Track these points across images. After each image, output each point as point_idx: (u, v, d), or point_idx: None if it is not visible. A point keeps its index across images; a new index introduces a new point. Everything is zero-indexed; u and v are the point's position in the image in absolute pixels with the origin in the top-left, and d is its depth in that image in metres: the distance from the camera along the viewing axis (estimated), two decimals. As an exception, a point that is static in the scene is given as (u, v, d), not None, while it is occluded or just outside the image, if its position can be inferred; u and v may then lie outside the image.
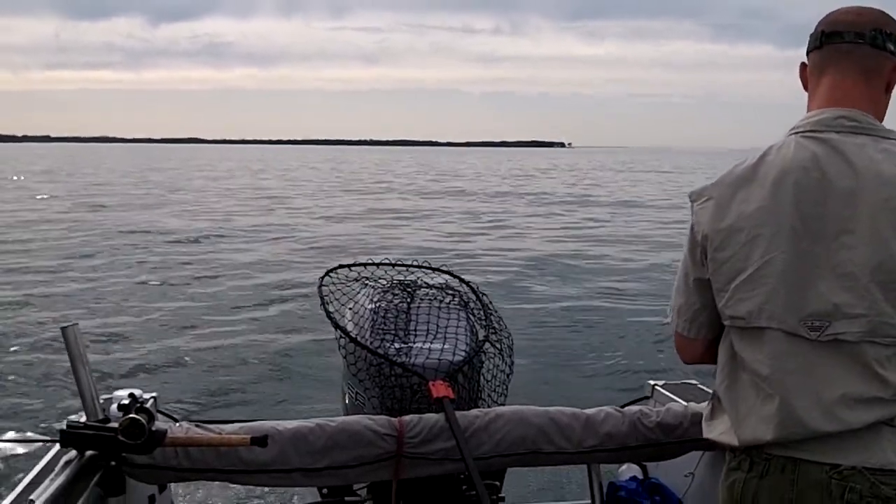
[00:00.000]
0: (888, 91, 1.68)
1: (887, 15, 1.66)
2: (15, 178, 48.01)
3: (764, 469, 1.61)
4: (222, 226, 22.05)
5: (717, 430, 1.74)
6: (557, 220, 24.57)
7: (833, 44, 1.66)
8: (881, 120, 1.66)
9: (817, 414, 1.55)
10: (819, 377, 1.56)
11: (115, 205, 28.38)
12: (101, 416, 2.00)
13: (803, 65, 1.74)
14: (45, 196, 32.36)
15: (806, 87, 1.73)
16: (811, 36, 1.71)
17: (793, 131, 1.66)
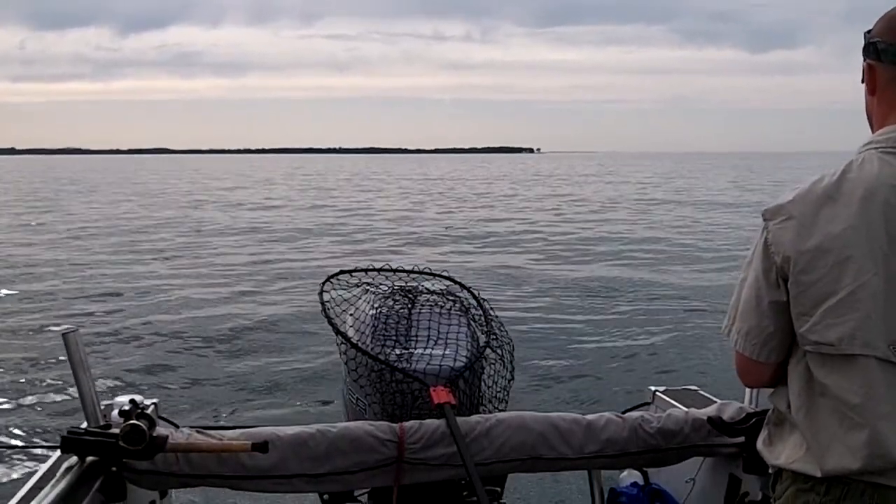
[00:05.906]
0: None
1: None
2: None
3: (843, 493, 1.56)
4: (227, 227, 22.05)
5: (787, 457, 1.65)
6: (560, 225, 24.54)
7: None
8: None
9: None
10: None
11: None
12: (101, 422, 2.01)
13: (870, 72, 1.62)
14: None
15: (873, 93, 1.62)
16: (887, 45, 1.56)
17: (871, 146, 1.57)
